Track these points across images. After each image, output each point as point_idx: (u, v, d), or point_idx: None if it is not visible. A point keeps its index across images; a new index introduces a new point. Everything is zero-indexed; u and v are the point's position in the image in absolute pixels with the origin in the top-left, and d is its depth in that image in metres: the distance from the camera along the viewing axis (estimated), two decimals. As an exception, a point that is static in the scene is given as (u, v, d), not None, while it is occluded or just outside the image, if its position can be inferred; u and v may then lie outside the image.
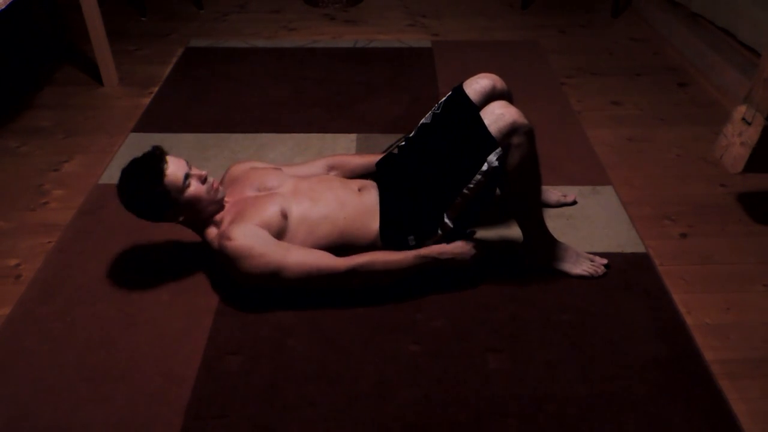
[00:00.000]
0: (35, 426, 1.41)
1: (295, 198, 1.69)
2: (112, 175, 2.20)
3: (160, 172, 1.55)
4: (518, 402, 1.45)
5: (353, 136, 2.41)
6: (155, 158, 1.58)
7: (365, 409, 1.44)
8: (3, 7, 2.22)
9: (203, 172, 1.63)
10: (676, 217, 2.03)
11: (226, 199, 1.70)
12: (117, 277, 1.79)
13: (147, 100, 2.67)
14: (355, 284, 1.67)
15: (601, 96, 2.73)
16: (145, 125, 2.49)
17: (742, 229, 1.99)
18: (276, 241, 1.60)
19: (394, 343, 1.59)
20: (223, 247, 1.58)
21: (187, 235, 1.92)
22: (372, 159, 1.92)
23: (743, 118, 1.83)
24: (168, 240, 1.91)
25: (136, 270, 1.81)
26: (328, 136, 2.41)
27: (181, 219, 1.65)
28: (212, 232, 1.66)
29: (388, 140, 2.31)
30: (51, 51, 3.10)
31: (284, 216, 1.64)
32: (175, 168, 1.57)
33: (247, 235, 1.57)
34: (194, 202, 1.61)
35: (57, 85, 2.82)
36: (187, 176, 1.59)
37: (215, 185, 1.65)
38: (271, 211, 1.63)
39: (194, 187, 1.60)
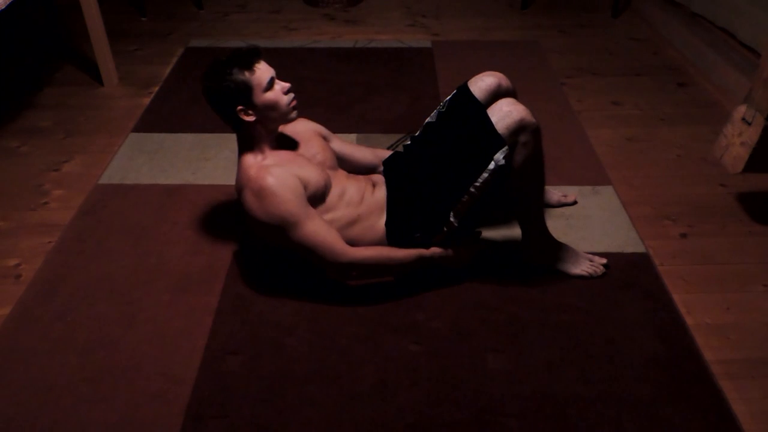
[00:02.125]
0: (35, 426, 1.41)
1: (333, 183, 1.70)
2: (112, 175, 2.20)
3: (251, 63, 1.58)
4: (518, 402, 1.45)
5: (353, 136, 2.41)
6: (252, 52, 1.60)
7: (365, 409, 1.44)
8: (3, 7, 2.22)
9: (287, 84, 1.63)
10: (676, 217, 2.03)
11: (282, 148, 1.70)
12: (117, 277, 1.79)
13: (147, 100, 2.67)
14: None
15: (601, 96, 2.73)
16: (145, 125, 2.49)
17: (742, 229, 1.99)
18: (306, 200, 1.60)
19: (394, 343, 1.59)
20: (258, 178, 1.57)
21: (188, 235, 1.92)
22: None
23: (743, 118, 1.83)
24: (168, 240, 1.91)
25: (136, 270, 1.81)
26: (328, 136, 2.41)
27: (246, 120, 1.61)
28: (252, 159, 1.64)
29: (388, 140, 2.32)
30: (51, 51, 3.10)
31: (325, 190, 1.65)
32: (264, 68, 1.60)
33: (285, 179, 1.57)
34: (269, 108, 1.60)
35: (57, 85, 2.82)
36: (272, 79, 1.60)
37: (294, 102, 1.65)
38: (317, 177, 1.64)
39: (275, 93, 1.60)
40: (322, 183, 1.65)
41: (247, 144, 1.66)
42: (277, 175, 1.57)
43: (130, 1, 3.64)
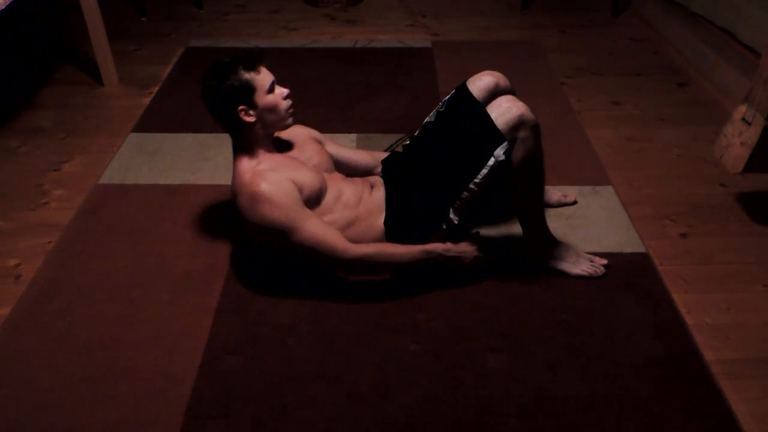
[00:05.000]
0: (35, 426, 1.41)
1: (329, 186, 1.71)
2: (112, 175, 2.20)
3: (256, 64, 1.62)
4: (518, 402, 1.45)
5: (353, 136, 2.41)
6: (256, 54, 1.64)
7: (365, 409, 1.44)
8: (3, 7, 2.22)
9: (287, 90, 1.66)
10: (676, 217, 2.03)
11: (277, 152, 1.71)
12: (117, 277, 1.79)
13: (147, 100, 2.67)
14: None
15: (601, 96, 2.73)
16: (145, 125, 2.49)
17: (742, 229, 1.99)
18: (302, 203, 1.61)
19: (394, 343, 1.59)
20: (252, 184, 1.57)
21: (188, 235, 1.92)
22: None
23: (743, 118, 1.83)
24: (168, 240, 1.91)
25: (136, 270, 1.81)
26: (328, 136, 2.40)
27: (246, 121, 1.62)
28: (246, 163, 1.64)
29: (388, 140, 2.32)
30: (51, 51, 3.10)
31: (320, 193, 1.66)
32: (266, 73, 1.63)
33: (279, 184, 1.58)
34: (269, 110, 1.63)
35: (57, 85, 2.82)
36: (273, 83, 1.63)
37: (291, 109, 1.68)
38: (312, 180, 1.64)
39: (276, 97, 1.63)
40: (317, 186, 1.65)
41: (243, 147, 1.67)
42: (271, 180, 1.57)
43: (130, 1, 3.64)
